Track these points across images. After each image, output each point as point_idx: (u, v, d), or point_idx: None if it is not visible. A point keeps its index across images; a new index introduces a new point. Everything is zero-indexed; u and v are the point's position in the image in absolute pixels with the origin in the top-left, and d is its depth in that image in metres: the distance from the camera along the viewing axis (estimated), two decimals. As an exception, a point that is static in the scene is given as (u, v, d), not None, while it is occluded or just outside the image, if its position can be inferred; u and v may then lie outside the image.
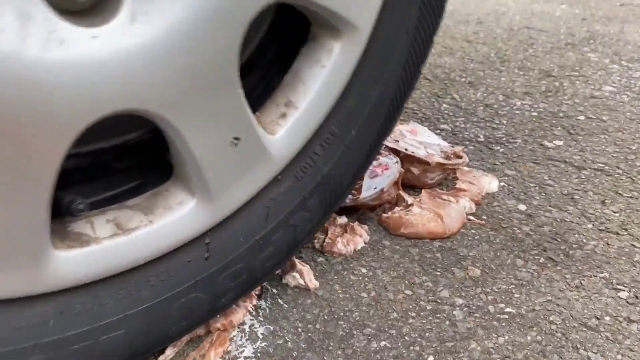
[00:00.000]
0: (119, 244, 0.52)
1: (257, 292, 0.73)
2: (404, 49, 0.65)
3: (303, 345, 0.66)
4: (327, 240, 0.82)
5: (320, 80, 0.59)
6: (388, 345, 0.66)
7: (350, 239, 0.82)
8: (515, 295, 0.74)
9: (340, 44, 0.59)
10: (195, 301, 0.59)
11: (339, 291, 0.74)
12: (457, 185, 0.95)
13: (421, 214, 0.85)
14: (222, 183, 0.56)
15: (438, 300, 0.73)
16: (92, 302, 0.52)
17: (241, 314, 0.69)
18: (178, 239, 0.56)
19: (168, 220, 0.54)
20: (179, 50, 0.46)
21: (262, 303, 0.72)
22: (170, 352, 0.64)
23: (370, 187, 0.88)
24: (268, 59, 0.62)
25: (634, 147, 1.11)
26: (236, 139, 0.54)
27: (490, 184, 0.97)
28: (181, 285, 0.57)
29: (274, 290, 0.74)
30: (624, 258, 0.81)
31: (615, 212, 0.91)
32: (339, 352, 0.65)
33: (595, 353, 0.65)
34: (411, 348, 0.66)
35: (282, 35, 0.64)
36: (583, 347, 0.66)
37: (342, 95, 0.62)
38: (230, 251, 0.60)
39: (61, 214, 0.50)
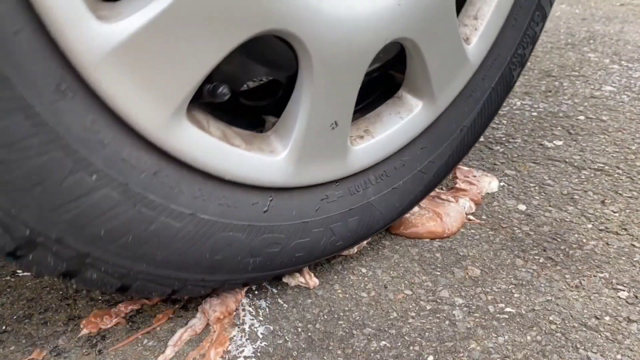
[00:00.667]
0: (221, 148, 0.58)
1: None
2: (456, 138, 0.81)
3: (303, 345, 0.66)
4: None
5: (394, 127, 0.73)
6: (388, 345, 0.66)
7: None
8: (515, 295, 0.74)
9: (419, 108, 0.74)
10: (235, 242, 0.62)
11: (339, 291, 0.75)
12: (457, 185, 0.95)
13: (420, 214, 0.85)
14: (308, 154, 0.64)
15: (438, 300, 0.73)
16: (175, 182, 0.56)
17: (232, 302, 0.70)
18: (256, 178, 0.62)
19: (257, 158, 0.61)
20: (362, 30, 0.61)
21: (262, 303, 0.72)
22: (170, 351, 0.64)
23: None
24: (364, 91, 0.73)
25: (633, 147, 1.11)
26: (336, 123, 0.64)
27: (490, 184, 0.97)
28: (236, 220, 0.61)
29: (274, 290, 0.74)
30: (623, 258, 0.81)
31: (615, 212, 0.91)
32: (339, 352, 0.65)
33: (595, 353, 0.65)
34: (411, 348, 0.66)
35: (379, 84, 0.80)
36: (583, 347, 0.66)
37: (403, 148, 0.75)
38: (281, 218, 0.65)
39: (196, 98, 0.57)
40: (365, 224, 0.74)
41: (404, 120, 0.74)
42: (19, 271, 0.77)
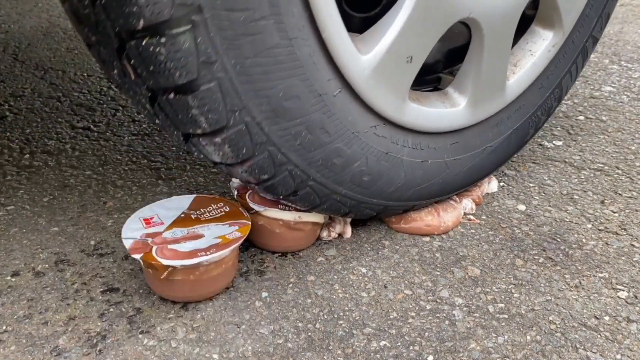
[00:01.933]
0: (330, 5, 0.62)
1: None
2: (478, 155, 0.88)
3: (303, 345, 0.66)
4: None
5: (437, 109, 0.80)
6: (388, 344, 0.66)
7: (332, 228, 0.84)
8: (515, 295, 0.74)
9: (461, 106, 0.81)
10: (304, 98, 0.64)
11: (339, 291, 0.75)
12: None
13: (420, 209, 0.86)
14: (382, 71, 0.68)
15: (438, 300, 0.73)
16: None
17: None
18: (338, 55, 0.64)
19: (345, 40, 0.64)
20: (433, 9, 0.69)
21: (262, 303, 0.72)
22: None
23: None
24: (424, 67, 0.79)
25: (633, 147, 1.11)
26: (411, 59, 0.70)
27: (489, 184, 0.97)
28: (313, 80, 0.63)
29: (274, 290, 0.74)
30: (623, 258, 0.81)
31: (614, 212, 0.91)
32: (339, 352, 0.65)
33: (595, 353, 0.65)
34: (411, 348, 0.66)
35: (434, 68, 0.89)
36: (582, 347, 0.66)
37: (438, 133, 0.81)
38: (340, 113, 0.68)
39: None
40: (390, 177, 0.76)
41: (446, 109, 0.80)
42: (19, 271, 0.77)
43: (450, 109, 0.81)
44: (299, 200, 0.72)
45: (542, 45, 0.87)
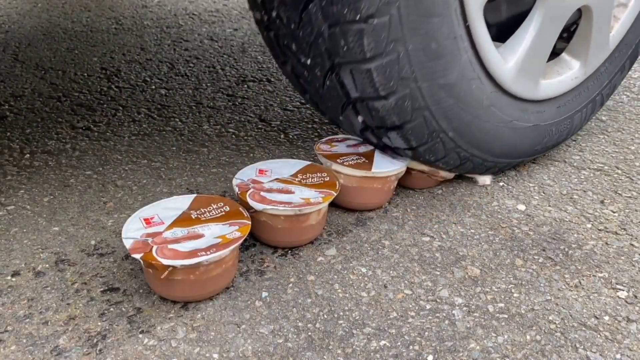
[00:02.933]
0: None
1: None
2: (505, 125, 0.93)
3: (303, 345, 0.66)
4: None
5: (494, 50, 0.85)
6: (388, 344, 0.66)
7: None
8: (515, 295, 0.74)
9: (509, 64, 0.87)
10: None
11: (339, 291, 0.75)
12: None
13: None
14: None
15: (437, 300, 0.73)
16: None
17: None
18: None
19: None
20: None
21: (262, 302, 0.72)
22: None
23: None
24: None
25: (633, 147, 1.11)
26: None
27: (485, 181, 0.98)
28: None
29: (274, 290, 0.74)
30: (622, 258, 0.81)
31: (614, 212, 0.91)
32: (339, 352, 0.65)
33: (595, 352, 0.65)
34: (411, 347, 0.66)
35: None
36: (582, 347, 0.66)
37: (487, 73, 0.87)
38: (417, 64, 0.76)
39: None
40: (445, 66, 0.79)
41: (499, 57, 0.85)
42: (19, 271, 0.77)
43: (501, 60, 0.85)
44: (376, 70, 0.75)
45: (568, 72, 0.98)
